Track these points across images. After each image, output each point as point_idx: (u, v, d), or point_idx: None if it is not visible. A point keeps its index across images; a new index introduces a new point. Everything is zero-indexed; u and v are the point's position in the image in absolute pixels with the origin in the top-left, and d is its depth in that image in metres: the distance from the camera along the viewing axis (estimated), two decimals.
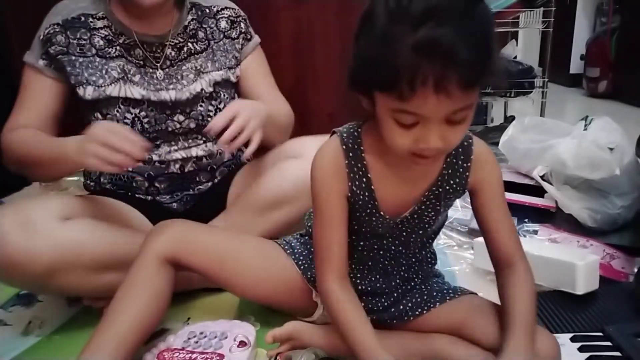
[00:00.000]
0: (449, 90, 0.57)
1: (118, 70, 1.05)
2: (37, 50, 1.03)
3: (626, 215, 1.29)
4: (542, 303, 1.00)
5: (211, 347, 0.82)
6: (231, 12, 1.18)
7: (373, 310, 0.84)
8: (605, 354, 0.85)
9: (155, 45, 1.08)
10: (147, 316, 0.79)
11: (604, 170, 1.25)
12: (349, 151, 0.75)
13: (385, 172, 0.75)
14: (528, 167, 1.44)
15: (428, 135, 0.61)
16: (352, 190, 0.75)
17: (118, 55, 1.06)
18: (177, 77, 1.10)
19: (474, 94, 0.60)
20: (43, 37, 1.02)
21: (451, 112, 0.60)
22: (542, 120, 1.60)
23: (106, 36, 1.05)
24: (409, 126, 0.62)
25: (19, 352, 0.92)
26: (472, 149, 0.76)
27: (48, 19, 1.04)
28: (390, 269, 0.84)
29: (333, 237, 0.76)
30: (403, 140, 0.63)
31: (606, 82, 3.54)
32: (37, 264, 0.83)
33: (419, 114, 0.60)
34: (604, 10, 3.69)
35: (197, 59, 1.12)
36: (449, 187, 0.77)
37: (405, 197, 0.77)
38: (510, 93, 2.20)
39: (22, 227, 0.83)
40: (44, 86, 1.04)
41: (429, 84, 0.56)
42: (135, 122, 1.06)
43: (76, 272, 0.87)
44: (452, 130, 0.62)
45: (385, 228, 0.79)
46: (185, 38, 1.12)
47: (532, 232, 1.29)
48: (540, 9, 2.15)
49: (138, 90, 1.06)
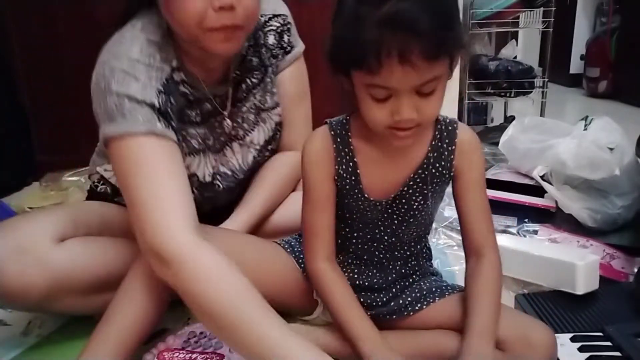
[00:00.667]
0: (413, 62, 0.60)
1: (198, 140, 0.93)
2: (147, 114, 0.78)
3: (626, 215, 1.29)
4: (542, 303, 1.00)
5: (211, 347, 0.82)
6: (278, 21, 1.01)
7: (372, 305, 0.84)
8: (605, 354, 0.85)
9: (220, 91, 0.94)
10: (146, 317, 0.79)
11: (604, 170, 1.25)
12: (336, 136, 0.78)
13: (372, 156, 0.78)
14: (528, 167, 1.44)
15: (401, 106, 0.65)
16: (338, 174, 0.78)
17: (198, 121, 0.92)
18: (237, 120, 0.98)
19: (439, 65, 0.63)
20: (160, 107, 0.80)
21: (419, 84, 0.63)
22: (542, 120, 1.60)
23: (185, 94, 0.89)
24: (383, 100, 0.65)
25: (19, 352, 0.92)
26: (456, 132, 0.78)
27: (139, 76, 0.79)
28: (386, 264, 0.85)
29: (321, 220, 0.79)
30: (379, 114, 0.67)
31: (606, 82, 3.54)
32: (33, 292, 0.82)
33: (389, 86, 0.63)
34: (604, 10, 3.69)
35: (255, 95, 0.99)
36: (435, 170, 0.78)
37: (392, 181, 0.78)
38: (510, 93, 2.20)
39: (16, 255, 0.81)
40: (173, 152, 0.80)
41: (393, 56, 0.60)
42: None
43: (73, 296, 0.86)
44: (424, 102, 0.65)
45: (373, 212, 0.80)
46: (243, 71, 0.97)
47: (532, 232, 1.29)
48: (540, 9, 2.15)
49: (211, 162, 0.97)
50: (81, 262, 0.87)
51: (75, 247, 0.87)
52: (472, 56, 2.17)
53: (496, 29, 2.30)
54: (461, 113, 2.10)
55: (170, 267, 0.70)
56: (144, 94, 0.79)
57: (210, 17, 0.76)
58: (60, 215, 0.92)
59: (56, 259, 0.84)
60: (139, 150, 0.77)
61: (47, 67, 1.91)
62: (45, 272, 0.82)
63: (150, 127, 0.77)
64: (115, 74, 0.78)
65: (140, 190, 0.74)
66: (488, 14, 2.08)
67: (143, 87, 0.79)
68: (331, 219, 0.80)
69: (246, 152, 1.02)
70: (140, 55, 0.81)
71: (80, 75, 2.13)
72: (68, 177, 1.80)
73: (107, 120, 0.78)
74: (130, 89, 0.78)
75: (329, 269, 0.80)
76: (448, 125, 0.78)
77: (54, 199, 1.70)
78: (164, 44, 0.85)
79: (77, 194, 1.66)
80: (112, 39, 0.83)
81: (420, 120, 0.67)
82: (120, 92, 0.77)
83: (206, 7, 0.75)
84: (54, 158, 1.92)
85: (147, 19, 0.85)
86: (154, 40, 0.83)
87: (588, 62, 3.72)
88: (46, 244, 0.84)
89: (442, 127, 0.78)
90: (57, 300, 0.85)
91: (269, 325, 0.67)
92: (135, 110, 0.78)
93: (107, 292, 0.88)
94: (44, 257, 0.83)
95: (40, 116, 1.96)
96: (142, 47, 0.82)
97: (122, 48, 0.81)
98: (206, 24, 0.77)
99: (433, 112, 0.68)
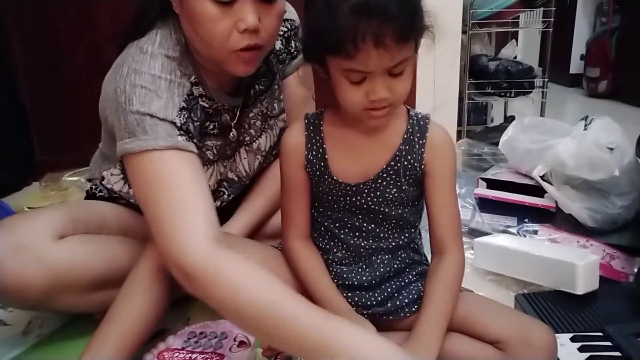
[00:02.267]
0: (386, 44, 0.66)
1: (214, 152, 0.95)
2: (167, 129, 0.78)
3: (626, 215, 1.29)
4: (542, 303, 1.00)
5: (211, 347, 0.82)
6: (286, 26, 1.01)
7: (367, 305, 0.84)
8: (605, 354, 0.85)
9: (234, 102, 0.95)
10: (148, 317, 0.80)
11: (603, 170, 1.25)
12: (309, 125, 0.84)
13: (342, 143, 0.82)
14: (528, 167, 1.43)
15: (375, 87, 0.70)
16: (308, 159, 0.83)
17: (214, 133, 0.93)
18: (244, 126, 0.99)
19: (408, 47, 0.69)
20: (182, 126, 0.81)
21: (391, 65, 0.68)
22: (542, 120, 1.60)
23: (204, 108, 0.90)
24: (359, 83, 0.70)
25: (19, 352, 0.92)
26: (428, 127, 0.82)
27: (161, 94, 0.79)
28: (374, 258, 0.85)
29: (295, 205, 0.86)
30: (355, 96, 0.72)
31: (606, 82, 3.54)
32: (32, 289, 0.82)
33: (365, 69, 0.68)
34: (604, 10, 3.69)
35: (262, 101, 1.00)
36: (407, 162, 0.81)
37: (363, 168, 0.81)
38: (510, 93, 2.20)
39: (15, 252, 0.81)
40: (194, 163, 0.80)
41: (368, 40, 0.65)
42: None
43: (72, 293, 0.86)
44: (396, 82, 0.71)
45: (346, 197, 0.83)
46: (252, 78, 0.97)
47: (532, 232, 1.29)
48: (540, 9, 2.15)
49: (219, 169, 0.98)
50: (80, 260, 0.87)
51: (74, 245, 0.88)
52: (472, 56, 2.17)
53: (496, 29, 2.30)
54: (461, 113, 2.10)
55: (196, 283, 0.69)
56: (166, 113, 0.79)
57: (234, 39, 0.77)
58: (59, 214, 0.92)
59: (55, 257, 0.84)
60: (161, 163, 0.76)
61: (47, 67, 1.90)
62: (45, 270, 0.82)
63: (172, 142, 0.77)
64: (136, 90, 0.78)
65: (161, 204, 0.73)
66: (488, 14, 2.07)
67: (165, 105, 0.79)
68: (305, 205, 0.86)
69: (252, 158, 1.03)
70: (161, 71, 0.81)
71: (80, 75, 2.15)
72: (68, 177, 1.80)
73: (127, 135, 0.77)
74: (152, 107, 0.78)
75: (302, 246, 0.87)
76: (420, 120, 0.82)
77: (54, 199, 1.70)
78: (183, 60, 0.85)
79: (77, 194, 1.66)
80: (131, 53, 0.83)
81: (393, 99, 0.72)
82: (142, 110, 0.77)
83: (231, 29, 0.77)
84: (54, 158, 1.92)
85: (166, 33, 0.85)
86: (173, 56, 0.84)
87: (588, 62, 3.72)
88: (45, 241, 0.84)
89: (414, 121, 0.82)
90: (56, 298, 0.85)
91: (309, 316, 0.65)
92: (157, 126, 0.77)
93: (107, 290, 0.88)
94: (43, 255, 0.83)
95: (40, 116, 1.96)
96: (163, 63, 0.82)
97: (144, 64, 0.81)
98: (230, 46, 0.78)
99: (403, 91, 0.73)
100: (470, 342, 0.78)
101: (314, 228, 0.89)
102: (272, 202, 1.06)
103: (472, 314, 0.80)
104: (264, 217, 1.05)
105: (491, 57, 2.32)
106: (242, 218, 1.02)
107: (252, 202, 1.05)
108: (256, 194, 1.06)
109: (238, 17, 0.76)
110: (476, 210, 1.38)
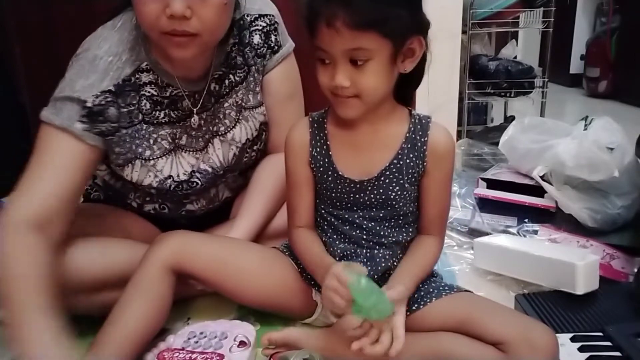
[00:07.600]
0: (337, 27, 0.70)
1: (169, 140, 0.95)
2: (71, 111, 0.85)
3: (626, 215, 1.29)
4: (542, 303, 1.00)
5: (211, 347, 0.82)
6: (265, 20, 1.01)
7: None
8: (605, 354, 0.85)
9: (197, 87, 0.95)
10: (149, 321, 0.81)
11: (603, 170, 1.25)
12: (314, 122, 0.87)
13: (346, 140, 0.85)
14: (528, 167, 1.43)
15: (336, 72, 0.74)
16: (312, 155, 0.86)
17: (167, 121, 0.94)
18: (219, 116, 0.99)
19: (366, 38, 0.71)
20: (93, 107, 0.85)
21: (346, 50, 0.72)
22: (542, 120, 1.60)
23: (152, 96, 0.91)
24: (326, 65, 0.76)
25: None
26: (429, 125, 0.84)
27: (91, 75, 0.85)
28: (375, 252, 0.86)
29: (299, 200, 0.89)
30: (323, 77, 0.77)
31: (606, 82, 3.53)
32: None
33: (321, 48, 0.74)
34: (604, 10, 3.68)
35: (238, 92, 1.00)
36: (410, 160, 0.83)
37: (366, 166, 0.84)
38: (510, 93, 2.20)
39: None
40: (75, 153, 0.85)
41: (322, 21, 0.71)
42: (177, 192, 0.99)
43: (71, 295, 0.86)
44: (358, 74, 0.74)
45: (350, 192, 0.85)
46: (227, 68, 0.98)
47: (532, 232, 1.29)
48: (540, 9, 2.14)
49: (188, 160, 0.98)
50: (80, 262, 0.87)
51: (74, 246, 0.88)
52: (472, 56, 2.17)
53: (496, 29, 2.30)
54: (461, 113, 2.10)
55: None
56: (83, 92, 0.85)
57: (162, 22, 0.79)
58: None
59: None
60: (46, 139, 0.84)
61: (47, 67, 1.90)
62: None
63: (65, 125, 0.84)
64: (74, 66, 0.87)
65: (28, 169, 0.83)
66: (488, 14, 2.07)
67: (89, 86, 0.85)
68: (309, 199, 0.89)
69: (227, 148, 1.02)
70: (106, 52, 0.87)
71: None
72: None
73: (50, 101, 0.86)
74: (76, 84, 0.85)
75: (304, 232, 0.89)
76: (422, 119, 0.85)
77: None
78: (137, 44, 0.89)
79: None
80: (93, 34, 0.90)
81: (356, 91, 0.75)
82: (68, 81, 0.86)
83: (160, 12, 0.78)
84: None
85: (128, 18, 0.89)
86: (127, 39, 0.88)
87: (588, 62, 3.71)
88: None
89: (415, 120, 0.85)
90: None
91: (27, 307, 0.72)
92: (65, 105, 0.85)
93: (107, 292, 0.89)
94: None
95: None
96: (111, 46, 0.87)
97: (94, 43, 0.88)
98: (159, 28, 0.80)
99: (367, 86, 0.75)
100: (471, 343, 0.78)
101: (317, 223, 0.90)
102: (272, 203, 1.05)
103: (473, 315, 0.80)
104: (266, 221, 1.04)
105: (491, 57, 2.32)
106: (244, 225, 1.01)
107: (252, 206, 1.04)
108: (255, 197, 1.05)
109: (167, 2, 0.77)
110: (476, 210, 1.38)
